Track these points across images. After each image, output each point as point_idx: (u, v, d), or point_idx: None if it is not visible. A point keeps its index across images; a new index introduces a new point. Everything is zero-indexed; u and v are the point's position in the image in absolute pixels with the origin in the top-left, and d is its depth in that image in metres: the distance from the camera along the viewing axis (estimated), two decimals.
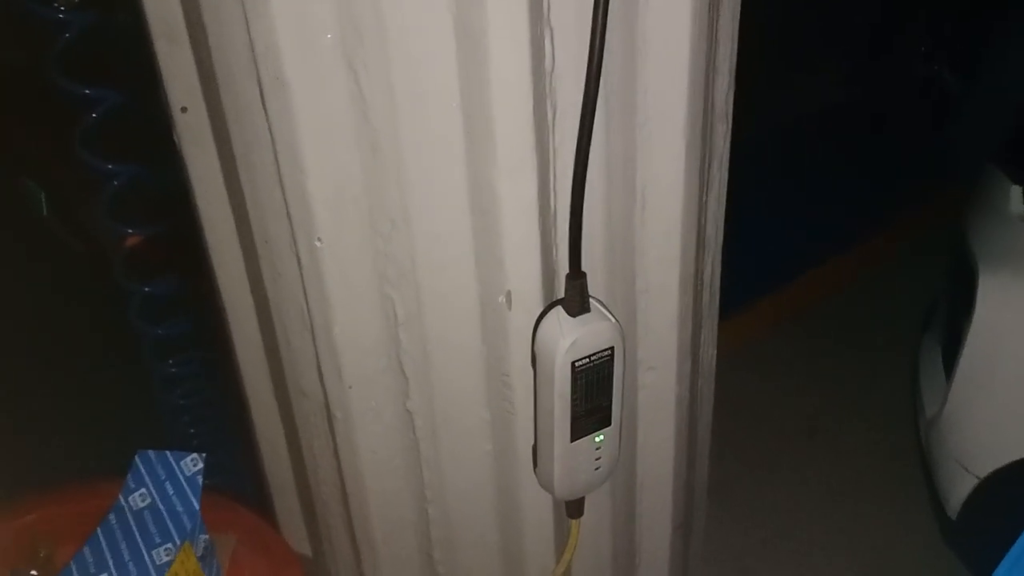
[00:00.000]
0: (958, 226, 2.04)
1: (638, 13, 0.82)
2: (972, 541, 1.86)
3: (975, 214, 2.01)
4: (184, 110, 0.96)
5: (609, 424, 0.92)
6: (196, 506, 0.97)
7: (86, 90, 1.26)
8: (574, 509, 0.99)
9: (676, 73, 0.87)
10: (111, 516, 0.97)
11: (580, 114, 0.77)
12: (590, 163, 0.79)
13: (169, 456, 1.00)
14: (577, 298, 0.85)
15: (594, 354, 0.86)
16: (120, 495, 0.99)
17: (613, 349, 0.87)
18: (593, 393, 0.88)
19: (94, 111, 1.27)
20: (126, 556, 0.93)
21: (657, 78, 0.86)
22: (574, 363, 0.85)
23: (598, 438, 0.92)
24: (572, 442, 0.90)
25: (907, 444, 2.34)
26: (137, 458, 1.01)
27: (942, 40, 3.97)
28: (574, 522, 1.00)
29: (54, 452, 1.54)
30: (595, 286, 0.89)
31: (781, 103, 3.24)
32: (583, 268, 0.85)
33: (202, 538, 0.97)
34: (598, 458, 0.93)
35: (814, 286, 3.30)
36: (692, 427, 1.15)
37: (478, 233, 0.84)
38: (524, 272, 0.86)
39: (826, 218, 3.30)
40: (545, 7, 0.76)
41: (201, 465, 0.99)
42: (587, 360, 0.85)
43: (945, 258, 2.20)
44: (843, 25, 3.60)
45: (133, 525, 0.96)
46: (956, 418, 1.87)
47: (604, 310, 0.87)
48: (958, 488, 1.83)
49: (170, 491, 0.99)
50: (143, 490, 0.99)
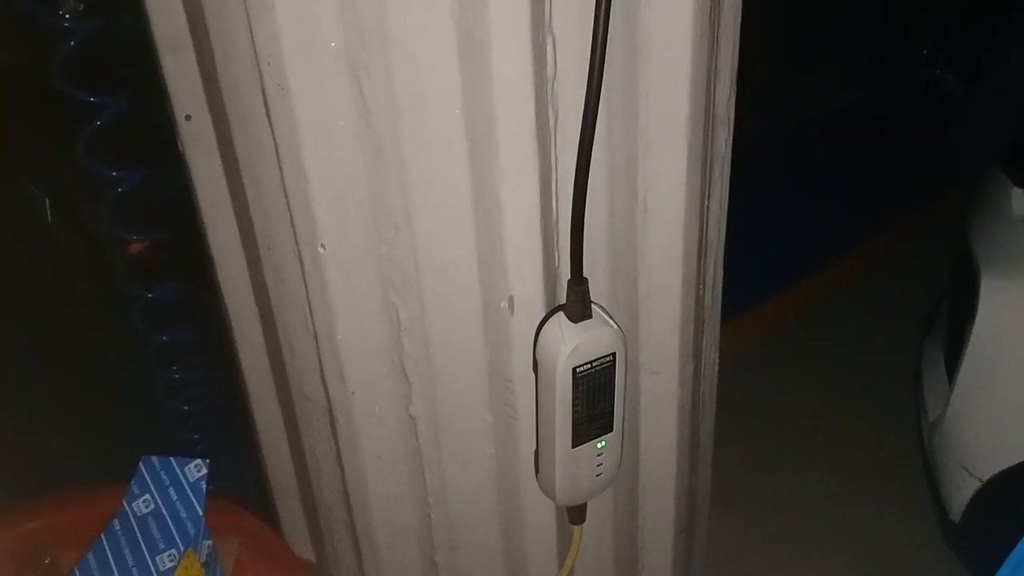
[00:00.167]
0: (960, 229, 2.04)
1: (639, 17, 0.82)
2: (975, 544, 1.86)
3: (977, 217, 2.01)
4: (188, 117, 0.97)
5: (611, 430, 0.92)
6: (200, 512, 0.98)
7: (91, 97, 1.27)
8: (576, 515, 0.99)
9: (678, 78, 0.87)
10: (115, 522, 0.98)
11: (582, 119, 0.77)
12: (592, 168, 0.80)
13: (173, 462, 1.01)
14: (579, 304, 0.85)
15: (595, 360, 0.86)
16: (124, 501, 0.99)
17: (615, 355, 0.87)
18: (595, 399, 0.88)
19: (98, 118, 1.28)
20: (130, 562, 0.93)
21: (659, 82, 0.86)
22: (575, 369, 0.85)
23: (600, 444, 0.92)
24: (573, 448, 0.90)
25: (908, 446, 2.35)
26: (141, 464, 1.01)
27: (945, 43, 3.98)
28: (576, 528, 1.00)
29: (57, 458, 1.54)
30: (597, 290, 0.89)
31: (783, 105, 3.24)
32: (585, 272, 0.85)
33: (205, 544, 0.97)
34: (600, 464, 0.93)
35: (816, 288, 3.31)
36: (694, 432, 1.15)
37: (480, 238, 0.85)
38: (526, 277, 0.86)
39: (828, 220, 3.30)
40: (547, 13, 0.76)
41: (205, 471, 1.00)
42: (588, 366, 0.85)
43: (947, 261, 2.20)
44: (846, 28, 3.60)
45: (137, 531, 0.96)
46: (958, 421, 1.87)
47: (606, 316, 0.87)
48: (961, 491, 1.83)
49: (174, 497, 0.99)
50: (147, 496, 0.99)
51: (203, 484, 0.99)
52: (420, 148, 0.80)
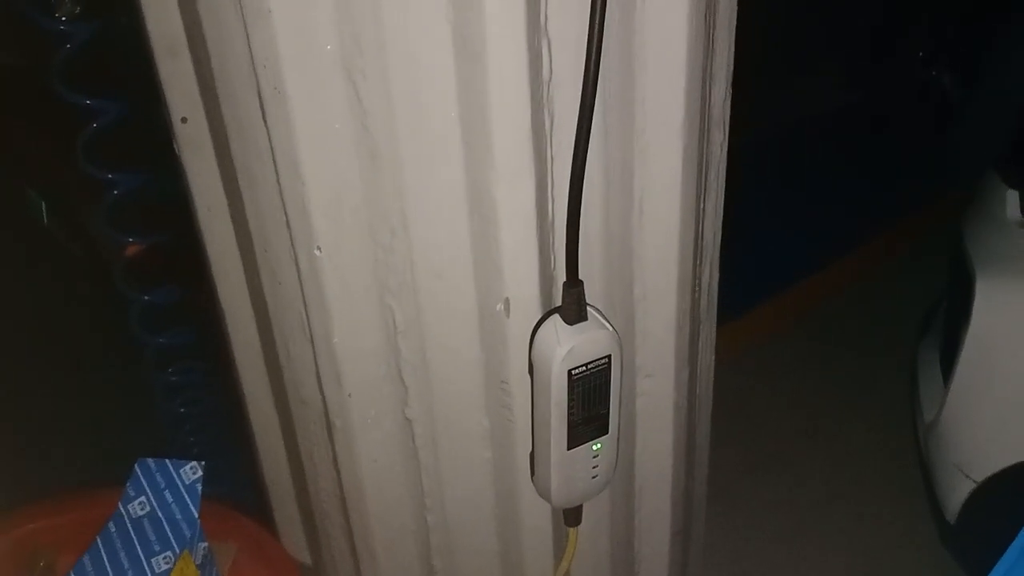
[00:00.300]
0: (956, 231, 2.05)
1: (635, 20, 0.82)
2: (970, 545, 1.86)
3: (972, 218, 2.01)
4: (184, 121, 0.97)
5: (607, 432, 0.92)
6: (195, 514, 0.98)
7: (87, 101, 1.27)
8: (572, 517, 0.99)
9: (673, 80, 0.87)
10: (110, 525, 0.98)
11: (577, 122, 0.77)
12: (587, 171, 0.80)
13: (169, 464, 1.01)
14: (574, 306, 0.85)
15: (591, 362, 0.86)
16: (119, 503, 0.99)
17: (610, 357, 0.87)
18: (590, 401, 0.88)
19: (95, 121, 1.28)
20: (125, 565, 0.93)
21: (654, 85, 0.86)
22: (571, 371, 0.85)
23: (596, 446, 0.92)
24: (569, 450, 0.90)
25: (907, 447, 2.34)
26: (137, 466, 1.01)
27: (944, 44, 3.98)
28: (572, 530, 1.00)
29: (54, 460, 1.55)
30: (593, 293, 0.89)
31: (783, 106, 3.24)
32: (581, 275, 0.85)
33: (201, 546, 0.97)
34: (596, 466, 0.93)
35: (816, 288, 3.31)
36: (690, 434, 1.15)
37: (476, 241, 0.85)
38: (522, 279, 0.86)
39: (828, 220, 3.31)
40: (543, 16, 0.76)
41: (200, 473, 1.00)
42: (584, 368, 0.86)
43: (947, 261, 2.20)
44: (846, 28, 3.60)
45: (132, 534, 0.96)
46: (954, 422, 1.87)
47: (601, 318, 0.87)
48: (956, 492, 1.83)
49: (169, 499, 0.99)
50: (142, 498, 0.99)
51: (199, 486, 0.99)
52: (416, 151, 0.81)
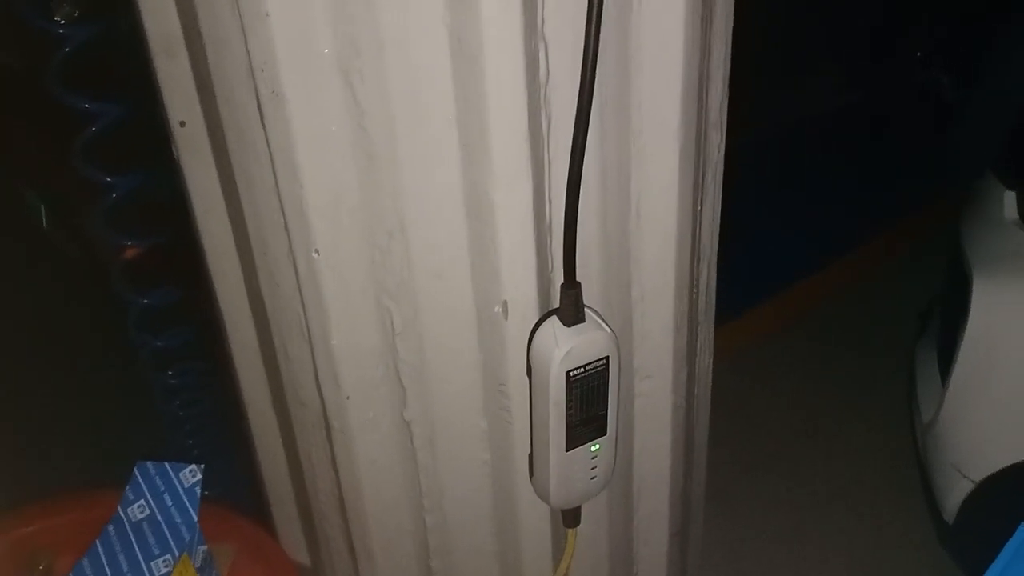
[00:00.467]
0: (953, 231, 2.05)
1: (631, 23, 0.82)
2: (968, 545, 1.86)
3: (969, 219, 2.01)
4: (183, 124, 0.97)
5: (605, 433, 0.92)
6: (194, 517, 0.98)
7: (86, 103, 1.27)
8: (570, 518, 0.99)
9: (669, 83, 0.87)
10: (110, 528, 0.98)
11: (574, 124, 0.78)
12: (584, 173, 0.80)
13: (168, 467, 1.01)
14: (572, 308, 0.85)
15: (589, 364, 0.86)
16: (119, 507, 1.00)
17: (608, 359, 0.87)
18: (588, 403, 0.88)
19: (94, 124, 1.28)
20: (124, 568, 0.93)
21: (651, 87, 0.86)
22: (569, 373, 0.85)
23: (594, 447, 0.92)
24: (568, 451, 0.90)
25: (906, 447, 2.34)
26: (136, 470, 1.01)
27: (943, 44, 3.98)
28: (571, 531, 1.00)
29: (53, 461, 1.54)
30: (590, 294, 0.89)
31: (783, 106, 3.25)
32: (578, 277, 0.86)
33: (200, 549, 0.98)
34: (594, 467, 0.93)
35: (816, 288, 3.31)
36: (689, 435, 1.15)
37: (474, 243, 0.85)
38: (520, 282, 0.86)
39: (828, 221, 3.31)
40: (539, 19, 0.76)
41: (199, 476, 1.00)
42: (582, 370, 0.86)
43: (944, 261, 2.20)
44: (844, 29, 3.60)
45: (132, 537, 0.97)
46: (951, 423, 1.87)
47: (599, 320, 0.87)
48: (954, 492, 1.83)
49: (168, 502, 0.99)
50: (141, 501, 0.99)
51: (198, 489, 0.99)
52: (413, 153, 0.81)
